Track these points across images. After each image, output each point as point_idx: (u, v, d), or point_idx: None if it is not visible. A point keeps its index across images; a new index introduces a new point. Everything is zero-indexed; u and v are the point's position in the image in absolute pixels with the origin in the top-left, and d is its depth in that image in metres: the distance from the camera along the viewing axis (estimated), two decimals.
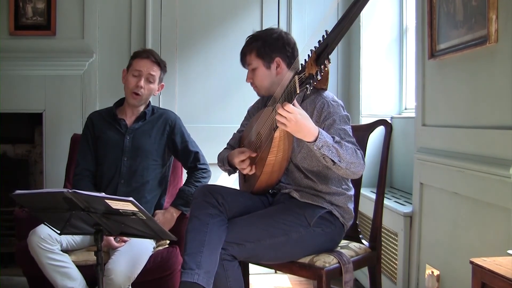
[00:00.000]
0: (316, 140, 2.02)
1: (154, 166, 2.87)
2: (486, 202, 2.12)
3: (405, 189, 3.34)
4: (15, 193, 1.97)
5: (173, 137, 2.91)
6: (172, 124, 2.92)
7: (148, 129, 2.88)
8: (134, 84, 2.81)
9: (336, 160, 2.07)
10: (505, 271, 1.46)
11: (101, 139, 2.88)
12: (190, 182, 2.90)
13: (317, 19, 3.88)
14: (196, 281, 2.04)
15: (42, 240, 2.46)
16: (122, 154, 2.83)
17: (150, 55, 2.85)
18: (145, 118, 2.89)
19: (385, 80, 3.67)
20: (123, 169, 2.82)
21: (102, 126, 2.90)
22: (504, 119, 2.02)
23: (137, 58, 2.85)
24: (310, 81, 1.88)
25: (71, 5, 3.79)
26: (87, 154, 2.89)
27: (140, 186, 2.81)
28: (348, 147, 2.11)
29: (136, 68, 2.82)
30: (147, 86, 2.82)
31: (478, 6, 2.15)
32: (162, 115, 2.94)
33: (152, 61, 2.84)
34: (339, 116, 2.23)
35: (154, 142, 2.87)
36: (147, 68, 2.82)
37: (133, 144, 2.84)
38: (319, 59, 1.87)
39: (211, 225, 2.16)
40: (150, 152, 2.85)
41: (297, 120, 1.98)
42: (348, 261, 2.24)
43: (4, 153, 4.14)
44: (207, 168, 2.95)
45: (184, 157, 2.95)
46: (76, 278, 2.50)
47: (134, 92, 2.81)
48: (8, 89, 3.70)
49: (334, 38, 1.87)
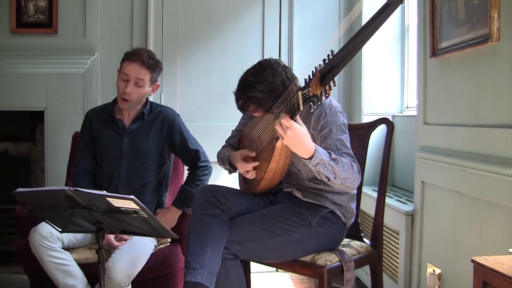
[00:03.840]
0: (312, 158, 2.00)
1: (154, 167, 2.83)
2: (487, 200, 2.12)
3: (407, 187, 3.34)
4: (16, 191, 1.97)
5: (171, 135, 2.84)
6: (170, 123, 2.85)
7: (146, 130, 2.80)
8: (122, 89, 2.69)
9: (332, 177, 2.05)
10: (506, 270, 1.46)
11: (99, 139, 2.83)
12: (191, 181, 2.86)
13: (319, 18, 3.88)
14: (200, 281, 2.04)
15: (43, 238, 2.45)
16: (121, 156, 2.78)
17: (139, 58, 2.69)
18: (143, 118, 2.82)
19: (387, 79, 3.66)
20: (122, 171, 2.78)
21: (99, 126, 2.84)
22: (506, 118, 2.02)
23: (126, 61, 2.72)
24: (314, 99, 1.87)
25: (72, 3, 3.79)
26: (86, 154, 2.84)
27: (140, 188, 2.78)
28: (344, 163, 2.08)
29: (124, 72, 2.70)
30: (136, 90, 2.70)
31: (480, 4, 2.15)
32: (161, 113, 2.85)
33: (141, 64, 2.69)
34: (336, 126, 2.20)
35: (152, 143, 2.81)
36: (135, 72, 2.68)
37: (131, 146, 2.79)
38: (323, 79, 1.84)
39: (213, 225, 2.16)
40: (149, 153, 2.80)
41: (294, 135, 1.96)
42: (350, 259, 2.24)
43: (5, 151, 4.15)
44: (207, 165, 2.90)
45: (184, 155, 2.91)
46: (77, 276, 2.50)
47: (122, 98, 2.72)
48: (9, 87, 3.71)
49: (341, 61, 1.83)
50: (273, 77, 2.20)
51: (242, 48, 3.83)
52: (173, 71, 3.84)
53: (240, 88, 2.30)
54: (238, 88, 2.31)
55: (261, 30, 3.79)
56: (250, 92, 2.22)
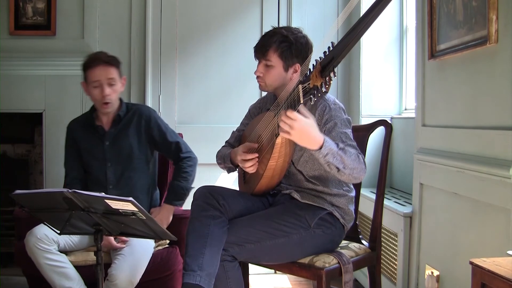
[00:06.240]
0: (321, 148, 2.00)
1: (140, 166, 2.85)
2: (486, 202, 2.12)
3: (405, 189, 3.34)
4: (14, 193, 1.97)
5: (150, 132, 2.85)
6: (147, 119, 2.85)
7: (125, 131, 2.82)
8: (100, 95, 2.72)
9: (341, 167, 2.05)
10: (505, 272, 1.46)
11: (82, 148, 2.86)
12: (177, 174, 2.86)
13: (317, 18, 3.89)
14: (199, 283, 2.04)
15: (39, 241, 2.47)
16: (106, 161, 2.82)
17: (100, 61, 2.73)
18: (121, 120, 2.83)
19: (385, 81, 3.67)
20: (109, 175, 2.81)
21: (81, 135, 2.87)
22: (504, 120, 2.02)
23: (89, 70, 2.73)
24: (314, 92, 1.87)
25: (71, 5, 3.79)
26: (73, 164, 2.88)
27: (130, 188, 2.80)
28: (351, 152, 2.09)
29: (93, 80, 2.72)
30: (112, 90, 2.73)
31: (478, 6, 2.15)
32: (136, 112, 2.87)
33: (104, 65, 2.72)
34: (340, 120, 2.21)
35: (134, 142, 2.83)
36: (104, 75, 2.71)
37: (113, 149, 2.82)
38: (324, 71, 1.85)
39: (212, 226, 2.15)
40: (132, 154, 2.82)
41: (302, 128, 1.95)
42: (348, 261, 2.24)
43: (4, 153, 4.14)
44: (191, 156, 2.89)
45: (165, 150, 2.91)
46: (74, 278, 2.51)
47: (103, 103, 2.74)
48: (8, 89, 3.70)
49: (341, 52, 1.84)
50: (300, 33, 2.34)
51: (240, 50, 3.83)
52: (172, 73, 3.84)
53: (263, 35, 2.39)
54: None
55: (259, 32, 3.79)
56: (276, 42, 2.30)
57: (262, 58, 2.33)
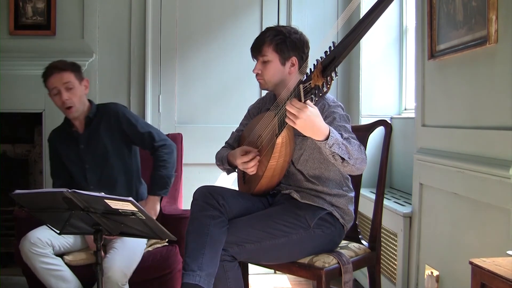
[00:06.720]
0: (327, 139, 2.00)
1: (118, 162, 2.86)
2: (485, 202, 2.12)
3: (405, 189, 3.34)
4: (14, 192, 1.97)
5: (121, 126, 2.85)
6: (115, 115, 2.86)
7: (97, 131, 2.84)
8: (60, 102, 2.76)
9: (346, 157, 2.05)
10: (504, 272, 1.46)
11: (62, 155, 2.90)
12: (156, 164, 2.84)
13: (317, 19, 3.89)
14: (198, 283, 2.04)
15: (33, 245, 2.49)
16: (83, 164, 2.84)
17: (53, 69, 2.76)
18: (91, 121, 2.85)
19: (385, 81, 3.67)
20: (89, 176, 2.84)
21: (60, 143, 2.91)
22: (504, 120, 2.02)
23: (46, 80, 2.78)
24: (315, 91, 1.87)
25: (71, 5, 3.79)
26: (58, 173, 2.93)
27: (111, 186, 2.81)
28: (354, 143, 2.10)
29: (51, 88, 2.76)
30: (71, 94, 2.75)
31: (478, 6, 2.15)
32: (105, 111, 2.88)
33: (58, 71, 2.75)
34: (339, 115, 2.23)
35: (107, 141, 2.84)
36: (59, 81, 2.74)
37: (88, 151, 2.84)
38: (325, 71, 1.84)
39: (212, 226, 2.15)
40: (107, 153, 2.83)
41: (307, 117, 1.94)
42: (348, 261, 2.24)
43: (3, 152, 4.14)
44: (165, 143, 2.87)
45: (139, 141, 2.90)
46: (71, 280, 2.53)
47: (66, 108, 2.77)
48: (7, 89, 3.71)
49: (342, 52, 1.84)
50: (293, 29, 2.39)
51: (240, 50, 3.83)
52: (171, 73, 3.84)
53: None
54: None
55: (259, 32, 3.78)
56: (270, 36, 2.35)
57: (259, 55, 2.36)
